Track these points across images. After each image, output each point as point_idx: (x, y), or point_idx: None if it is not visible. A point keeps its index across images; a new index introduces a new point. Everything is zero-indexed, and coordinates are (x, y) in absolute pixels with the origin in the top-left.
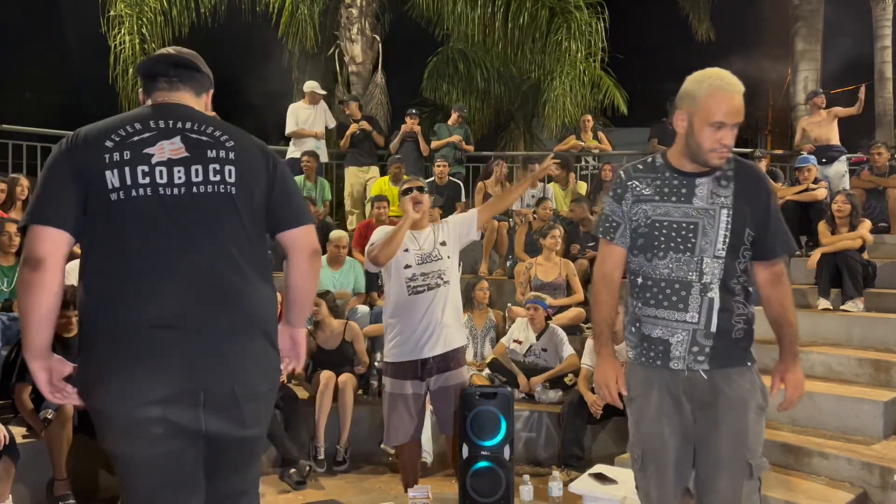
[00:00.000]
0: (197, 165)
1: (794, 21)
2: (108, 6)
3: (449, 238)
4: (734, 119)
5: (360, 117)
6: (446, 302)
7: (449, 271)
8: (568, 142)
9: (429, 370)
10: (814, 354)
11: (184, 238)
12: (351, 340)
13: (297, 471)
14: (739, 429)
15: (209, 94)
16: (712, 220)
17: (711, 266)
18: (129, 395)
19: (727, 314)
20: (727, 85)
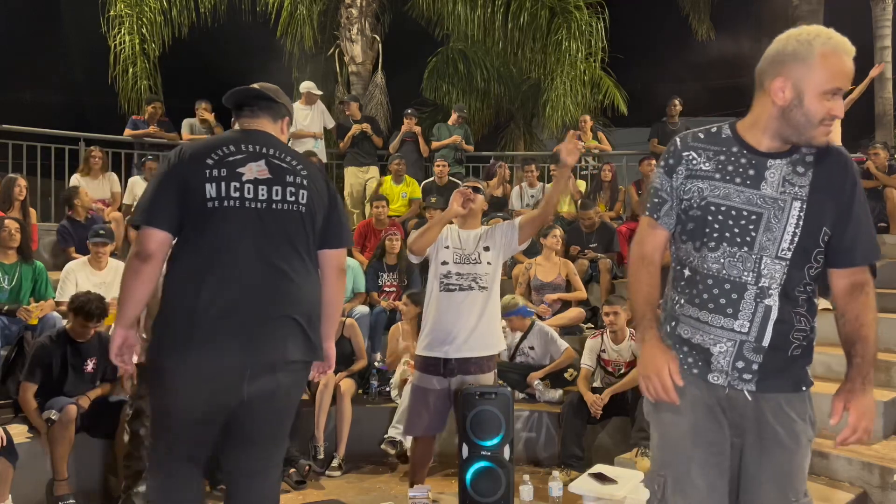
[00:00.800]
0: (277, 186)
1: (794, 21)
2: (108, 6)
3: (494, 245)
4: (849, 85)
5: (359, 118)
6: (481, 307)
7: (487, 277)
8: None
9: (450, 370)
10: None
11: (261, 243)
12: (349, 337)
13: (297, 471)
14: (787, 470)
15: (284, 121)
16: (780, 214)
17: (772, 268)
18: (190, 366)
19: (785, 327)
20: (841, 44)
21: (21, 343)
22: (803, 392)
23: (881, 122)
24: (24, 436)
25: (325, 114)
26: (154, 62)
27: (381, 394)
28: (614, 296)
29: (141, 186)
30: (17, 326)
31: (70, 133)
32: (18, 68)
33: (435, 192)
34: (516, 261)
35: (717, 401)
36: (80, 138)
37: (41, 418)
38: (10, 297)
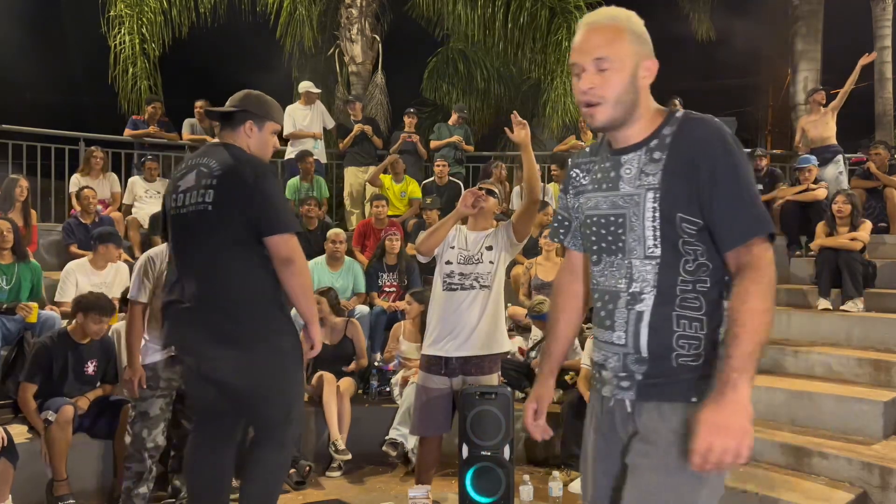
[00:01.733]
0: (193, 191)
1: (794, 21)
2: (108, 6)
3: (497, 244)
4: (587, 56)
5: (360, 118)
6: (483, 306)
7: (489, 276)
8: (568, 142)
9: (452, 369)
10: (814, 354)
11: (188, 245)
12: (351, 337)
13: (297, 471)
14: (648, 489)
15: (246, 125)
16: (637, 210)
17: (641, 270)
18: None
19: (663, 334)
20: (586, 18)
21: (21, 343)
22: (693, 403)
23: (881, 122)
24: (24, 436)
25: (325, 114)
26: (154, 62)
27: (381, 394)
28: None
29: (141, 186)
30: (17, 326)
31: (70, 133)
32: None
33: (435, 191)
34: (516, 261)
35: (607, 417)
36: (80, 138)
37: (40, 419)
38: (9, 298)
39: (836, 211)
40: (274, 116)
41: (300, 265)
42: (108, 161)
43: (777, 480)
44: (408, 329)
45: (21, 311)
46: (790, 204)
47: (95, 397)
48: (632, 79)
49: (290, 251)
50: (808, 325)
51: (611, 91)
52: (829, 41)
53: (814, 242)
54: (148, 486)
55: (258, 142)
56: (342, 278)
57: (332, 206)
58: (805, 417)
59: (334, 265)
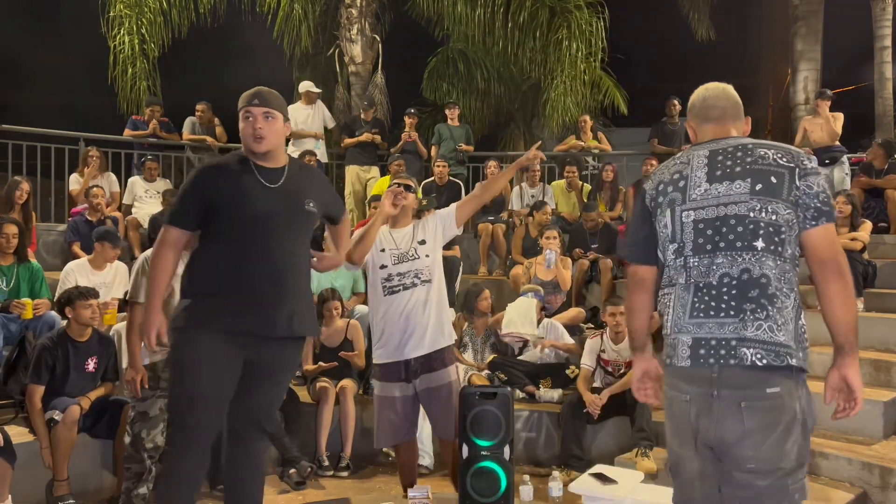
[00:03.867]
0: None
1: (794, 21)
2: (108, 6)
3: (428, 236)
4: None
5: (370, 120)
6: (427, 301)
7: (428, 270)
8: (568, 142)
9: (413, 371)
10: (814, 354)
11: None
12: (352, 339)
13: (297, 471)
14: None
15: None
16: None
17: None
18: None
19: None
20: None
21: (23, 343)
22: None
23: (881, 122)
24: (25, 436)
25: (326, 113)
26: (154, 62)
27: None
28: (616, 296)
29: (140, 186)
30: (18, 326)
31: (70, 133)
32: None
33: (435, 192)
34: (516, 261)
35: None
36: (79, 138)
37: (44, 419)
38: (8, 298)
39: (837, 212)
40: (240, 107)
41: (154, 252)
42: (108, 161)
43: None
44: None
45: (15, 310)
46: None
47: (96, 397)
48: None
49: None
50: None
51: None
52: (829, 41)
53: None
54: (148, 487)
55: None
56: (342, 278)
57: None
58: None
59: None
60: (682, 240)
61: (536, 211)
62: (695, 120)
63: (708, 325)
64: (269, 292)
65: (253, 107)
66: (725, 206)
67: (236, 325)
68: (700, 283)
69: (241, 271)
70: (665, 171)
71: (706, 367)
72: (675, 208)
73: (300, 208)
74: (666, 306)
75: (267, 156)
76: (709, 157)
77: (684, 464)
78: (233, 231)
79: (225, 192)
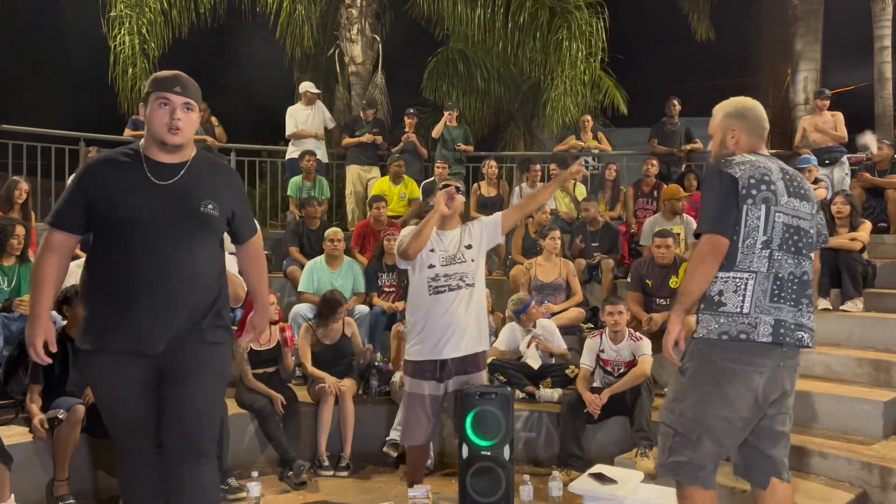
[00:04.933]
0: None
1: (794, 21)
2: (108, 6)
3: (474, 241)
4: None
5: (371, 120)
6: (469, 304)
7: (472, 274)
8: (568, 142)
9: (447, 372)
10: (813, 354)
11: None
12: (350, 336)
13: (297, 471)
14: None
15: (140, 113)
16: None
17: None
18: None
19: None
20: None
21: (23, 344)
22: None
23: (881, 122)
24: (25, 436)
25: (326, 114)
26: (154, 62)
27: (381, 393)
28: (615, 296)
29: None
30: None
31: (70, 133)
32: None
33: (435, 192)
34: (515, 262)
35: None
36: (80, 138)
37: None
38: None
39: (836, 212)
40: (154, 88)
41: (35, 257)
42: None
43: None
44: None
45: (19, 308)
46: None
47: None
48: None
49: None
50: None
51: None
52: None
53: None
54: None
55: (147, 120)
56: (342, 278)
57: (333, 206)
58: (805, 417)
59: (333, 264)
60: (771, 235)
61: (535, 211)
62: (745, 130)
63: (784, 309)
64: (148, 306)
65: (173, 94)
66: (800, 220)
67: (115, 345)
68: (779, 275)
69: (118, 282)
70: (750, 168)
71: (781, 344)
72: (770, 206)
73: (192, 209)
74: (739, 287)
75: (173, 148)
76: (782, 173)
77: (724, 427)
78: (111, 235)
79: (103, 191)
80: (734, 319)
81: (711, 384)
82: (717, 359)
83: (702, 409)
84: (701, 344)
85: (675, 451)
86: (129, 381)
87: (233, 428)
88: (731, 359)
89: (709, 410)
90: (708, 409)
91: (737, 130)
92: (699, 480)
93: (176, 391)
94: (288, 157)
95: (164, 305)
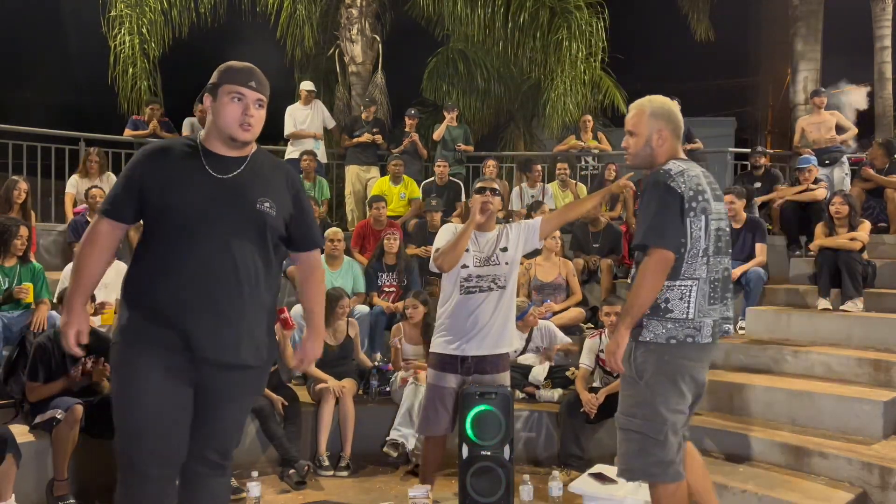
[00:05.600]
0: None
1: (794, 21)
2: (108, 6)
3: (510, 244)
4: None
5: (371, 120)
6: (498, 306)
7: (505, 277)
8: (568, 142)
9: (467, 368)
10: (814, 354)
11: None
12: (353, 336)
13: (297, 471)
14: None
15: (204, 102)
16: None
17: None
18: None
19: None
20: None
21: (23, 343)
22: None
23: (881, 122)
24: (25, 436)
25: (326, 113)
26: (154, 62)
27: (381, 394)
28: (614, 296)
29: None
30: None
31: (70, 133)
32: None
33: (435, 192)
34: None
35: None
36: (80, 138)
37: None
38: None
39: (834, 212)
40: (227, 79)
41: (79, 245)
42: (108, 161)
43: (777, 480)
44: (408, 331)
45: (19, 295)
46: (789, 204)
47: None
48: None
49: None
50: (808, 325)
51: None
52: (828, 41)
53: (813, 243)
54: None
55: (216, 114)
56: (342, 277)
57: (333, 206)
58: (805, 417)
59: (333, 264)
60: (708, 242)
61: (533, 211)
62: (671, 131)
63: (717, 308)
64: (203, 306)
65: (248, 89)
66: (721, 220)
67: (167, 341)
68: (713, 277)
69: (171, 277)
70: (689, 180)
71: (716, 342)
72: (707, 216)
73: (249, 206)
74: (684, 295)
75: (239, 144)
76: (705, 177)
77: (680, 419)
78: (162, 226)
79: (158, 177)
80: (681, 325)
81: (669, 382)
82: (669, 359)
83: (664, 407)
84: (651, 347)
85: (644, 453)
86: (174, 389)
87: None
88: (683, 356)
89: (669, 407)
90: (668, 406)
91: (664, 131)
92: (669, 476)
93: (212, 414)
94: (287, 158)
95: (221, 308)
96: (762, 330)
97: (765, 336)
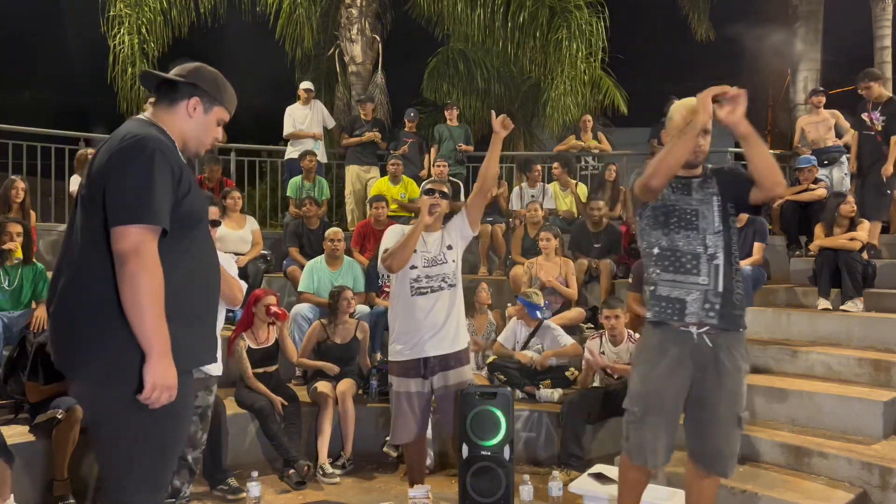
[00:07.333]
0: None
1: (794, 21)
2: (108, 6)
3: (454, 241)
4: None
5: (371, 119)
6: (450, 304)
7: (453, 275)
8: (568, 142)
9: (431, 368)
10: (814, 354)
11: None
12: (360, 338)
13: (297, 471)
14: (736, 391)
15: (190, 102)
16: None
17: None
18: None
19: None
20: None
21: (23, 343)
22: (742, 332)
23: None
24: (25, 436)
25: (325, 114)
26: (154, 62)
27: (381, 394)
28: (614, 298)
29: None
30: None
31: (70, 133)
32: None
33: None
34: (515, 262)
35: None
36: (80, 138)
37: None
38: (10, 299)
39: (848, 211)
40: (225, 102)
41: (138, 272)
42: None
43: (777, 480)
44: None
45: (7, 246)
46: (789, 204)
47: None
48: None
49: (126, 244)
50: (808, 325)
51: None
52: (828, 41)
53: (812, 243)
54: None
55: (199, 125)
56: (342, 277)
57: (333, 206)
58: (805, 417)
59: (333, 264)
60: None
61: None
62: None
63: None
64: (214, 315)
65: (229, 116)
66: None
67: (208, 360)
68: None
69: (212, 290)
70: None
71: None
72: None
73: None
74: None
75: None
76: None
77: None
78: (189, 233)
79: (185, 178)
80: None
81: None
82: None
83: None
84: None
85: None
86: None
87: (233, 428)
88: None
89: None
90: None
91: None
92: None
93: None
94: (287, 158)
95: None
96: (762, 330)
97: (765, 336)
